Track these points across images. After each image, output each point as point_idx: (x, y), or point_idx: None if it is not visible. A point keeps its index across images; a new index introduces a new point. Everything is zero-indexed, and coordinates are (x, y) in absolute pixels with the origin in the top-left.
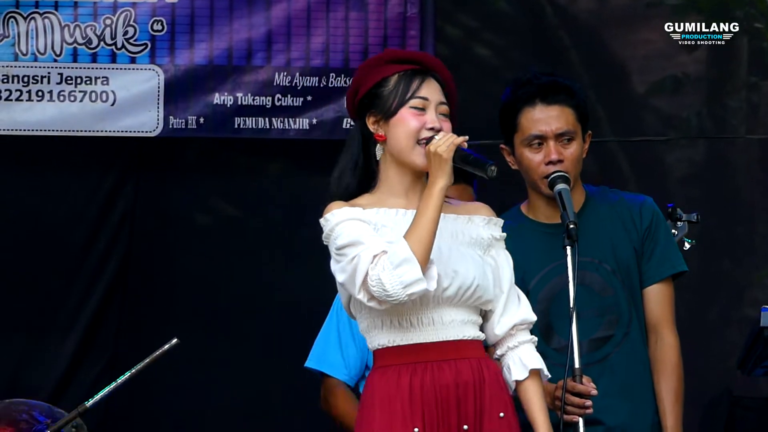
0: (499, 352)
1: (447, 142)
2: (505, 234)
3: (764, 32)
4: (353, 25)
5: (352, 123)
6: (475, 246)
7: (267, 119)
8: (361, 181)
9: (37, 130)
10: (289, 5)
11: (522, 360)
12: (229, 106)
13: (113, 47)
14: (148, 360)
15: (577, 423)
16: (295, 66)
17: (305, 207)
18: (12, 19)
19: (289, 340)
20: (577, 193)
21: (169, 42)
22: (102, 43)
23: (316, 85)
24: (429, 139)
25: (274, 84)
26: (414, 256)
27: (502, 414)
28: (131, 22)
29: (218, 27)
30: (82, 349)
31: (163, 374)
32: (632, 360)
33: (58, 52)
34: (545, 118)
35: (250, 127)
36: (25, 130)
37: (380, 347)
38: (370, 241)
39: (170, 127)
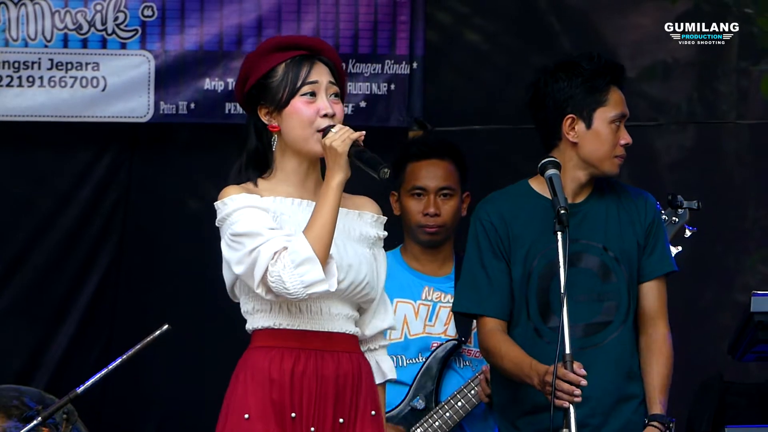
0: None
1: (342, 136)
2: (386, 233)
3: (754, 17)
4: (343, 11)
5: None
6: (363, 243)
7: None
8: (261, 172)
9: (27, 116)
10: None
11: (380, 366)
12: (219, 91)
13: (104, 33)
14: (139, 346)
15: (568, 408)
16: None
17: None
18: (2, 5)
19: None
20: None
21: (159, 28)
22: (92, 28)
23: None
24: (327, 129)
25: None
26: (315, 255)
27: (373, 412)
28: (122, 8)
29: (209, 12)
30: (77, 335)
31: (158, 360)
32: (626, 348)
33: (48, 38)
34: (624, 101)
35: (241, 112)
36: (15, 116)
37: (263, 328)
38: (269, 234)
39: (161, 112)
